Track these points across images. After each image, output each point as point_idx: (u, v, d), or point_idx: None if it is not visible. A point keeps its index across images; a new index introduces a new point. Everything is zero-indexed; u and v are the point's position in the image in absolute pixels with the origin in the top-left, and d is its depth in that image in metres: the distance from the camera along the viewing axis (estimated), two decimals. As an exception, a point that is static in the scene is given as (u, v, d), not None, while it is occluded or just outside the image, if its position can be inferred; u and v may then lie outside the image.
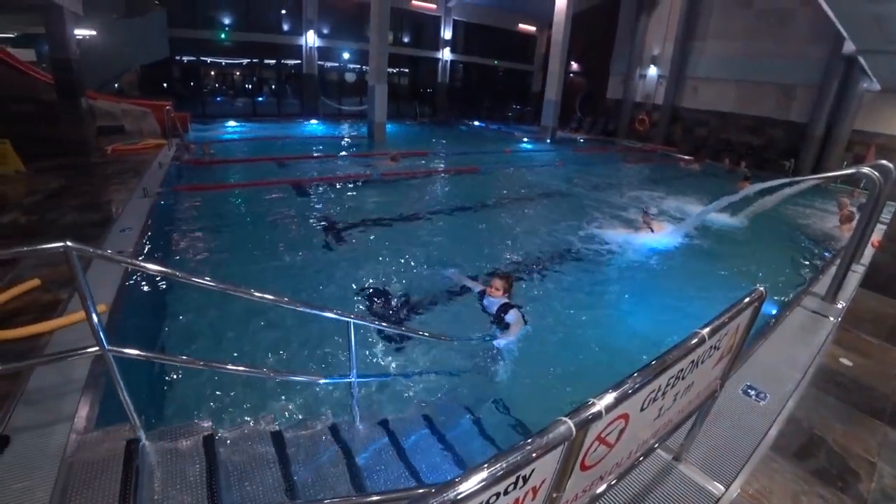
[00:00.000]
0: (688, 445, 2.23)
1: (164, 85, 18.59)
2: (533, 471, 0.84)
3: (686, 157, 18.15)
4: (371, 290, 5.13)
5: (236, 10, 19.25)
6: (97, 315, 1.99)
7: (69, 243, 1.83)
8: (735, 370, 3.08)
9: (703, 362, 1.54)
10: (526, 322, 4.25)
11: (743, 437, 2.52)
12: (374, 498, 1.92)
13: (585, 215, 8.66)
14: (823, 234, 8.83)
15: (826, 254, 7.54)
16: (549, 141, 19.60)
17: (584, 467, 1.07)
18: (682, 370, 1.35)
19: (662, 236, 7.45)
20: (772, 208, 9.18)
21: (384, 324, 3.67)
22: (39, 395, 2.62)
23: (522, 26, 26.88)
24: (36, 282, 3.96)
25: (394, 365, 3.87)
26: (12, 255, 2.02)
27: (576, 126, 24.70)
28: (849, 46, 13.43)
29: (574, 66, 25.22)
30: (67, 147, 9.79)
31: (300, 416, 2.99)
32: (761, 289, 1.81)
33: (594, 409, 0.92)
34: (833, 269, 4.83)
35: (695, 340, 1.32)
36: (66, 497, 1.95)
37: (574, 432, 0.86)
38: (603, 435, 1.06)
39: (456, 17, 24.39)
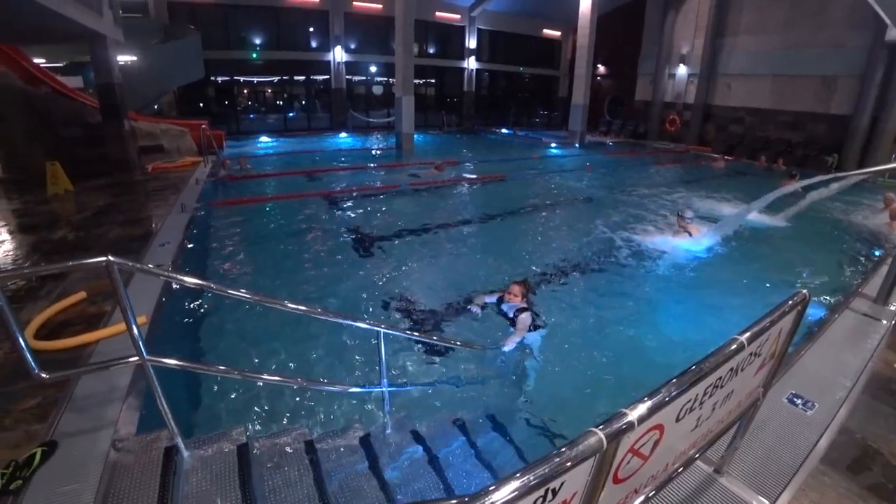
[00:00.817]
0: (729, 457, 2.13)
1: (200, 104, 19.42)
2: (563, 483, 0.81)
3: (712, 156, 17.62)
4: (401, 300, 5.16)
5: (267, 30, 19.97)
6: (137, 326, 2.06)
7: (110, 258, 1.91)
8: (779, 378, 2.94)
9: (742, 370, 1.47)
10: (539, 326, 4.18)
11: (789, 448, 2.38)
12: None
13: (618, 220, 8.48)
14: (872, 233, 8.35)
15: (876, 253, 7.12)
16: (577, 146, 19.38)
17: (617, 480, 1.03)
18: (720, 378, 1.29)
19: (700, 239, 7.21)
20: (815, 206, 8.78)
21: (414, 332, 3.67)
22: (85, 403, 2.74)
23: (547, 32, 26.80)
24: (82, 294, 4.16)
25: (425, 374, 3.86)
26: (59, 269, 2.14)
27: (605, 129, 24.36)
28: (892, 34, 12.78)
29: (601, 68, 24.92)
30: (112, 166, 10.34)
31: (333, 426, 3.01)
32: (804, 291, 1.73)
33: (626, 420, 0.88)
34: (884, 269, 4.54)
35: (733, 347, 1.26)
36: (108, 501, 2.03)
37: (605, 444, 0.83)
38: (636, 447, 1.02)
39: (480, 26, 24.54)
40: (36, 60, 12.17)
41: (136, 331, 2.06)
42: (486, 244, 7.19)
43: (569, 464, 0.79)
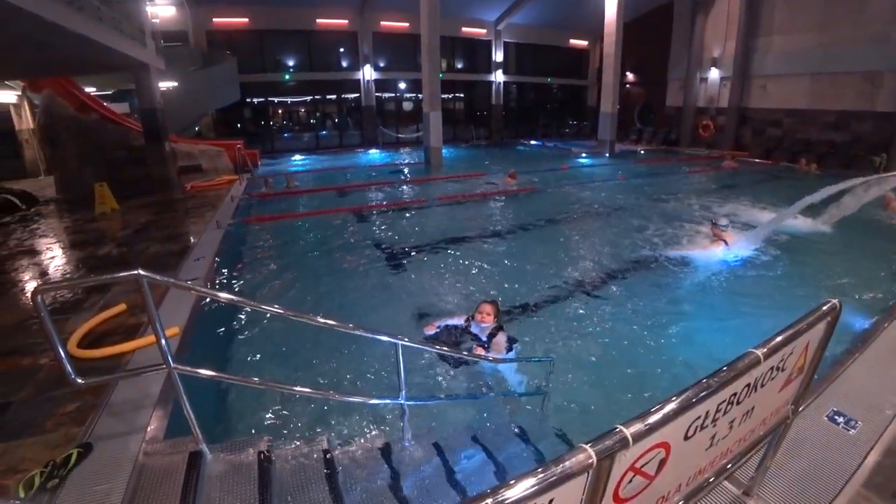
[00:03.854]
0: (760, 478, 2.01)
1: (237, 125, 20.25)
2: (551, 500, 0.79)
3: (721, 155, 17.26)
4: (425, 313, 5.17)
5: (299, 52, 20.75)
6: (165, 336, 2.16)
7: (140, 271, 2.01)
8: (817, 393, 2.78)
9: (763, 385, 1.40)
10: (515, 341, 4.20)
11: (829, 470, 2.23)
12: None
13: (649, 230, 8.26)
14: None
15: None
16: (607, 155, 19.12)
17: (618, 500, 0.99)
18: (734, 394, 1.23)
19: (736, 247, 6.93)
20: (859, 209, 8.31)
21: (433, 345, 3.64)
22: (119, 408, 2.88)
23: (574, 42, 26.69)
24: (123, 306, 4.37)
25: (444, 387, 3.85)
26: (94, 282, 2.29)
27: (635, 138, 23.92)
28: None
29: (630, 76, 24.58)
30: (154, 186, 10.90)
31: (352, 436, 3.03)
32: (835, 301, 1.63)
33: (619, 437, 0.85)
34: (938, 278, 4.24)
35: (747, 361, 1.20)
36: (135, 502, 2.13)
37: (595, 460, 0.80)
38: (638, 465, 0.98)
39: (506, 40, 24.69)
40: (87, 89, 13.02)
41: (164, 341, 2.16)
42: (513, 256, 7.14)
43: (554, 479, 0.77)
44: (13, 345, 3.79)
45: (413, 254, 7.24)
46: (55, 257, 6.40)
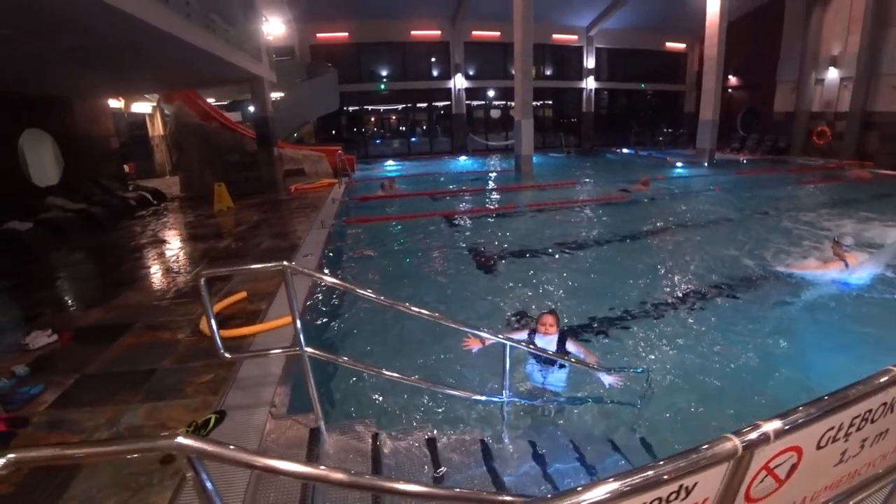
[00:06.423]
0: (891, 513, 1.87)
1: (334, 132, 21.68)
2: (696, 484, 0.86)
3: (845, 165, 15.49)
4: (521, 316, 5.26)
5: (394, 63, 21.85)
6: (300, 322, 2.46)
7: (285, 263, 2.34)
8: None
9: (902, 408, 1.34)
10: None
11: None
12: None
13: (756, 246, 7.63)
14: None
15: None
16: (706, 165, 17.91)
17: (749, 499, 1.03)
18: (869, 411, 1.19)
19: (859, 270, 6.18)
20: None
21: (536, 348, 3.68)
22: (246, 383, 3.24)
23: (670, 45, 25.40)
24: (243, 294, 4.92)
25: (538, 390, 3.89)
26: (248, 270, 2.64)
27: (737, 146, 22.10)
28: None
29: (732, 79, 22.81)
30: (263, 187, 12.03)
31: (454, 427, 3.17)
32: None
33: (761, 431, 0.90)
34: None
35: (884, 379, 1.16)
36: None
37: (740, 451, 0.86)
38: (771, 465, 1.01)
39: (598, 45, 24.12)
40: (208, 100, 14.71)
41: (299, 325, 2.46)
42: (605, 266, 6.99)
43: (703, 462, 0.83)
44: (155, 321, 4.41)
45: (506, 259, 7.33)
46: (185, 247, 7.34)
